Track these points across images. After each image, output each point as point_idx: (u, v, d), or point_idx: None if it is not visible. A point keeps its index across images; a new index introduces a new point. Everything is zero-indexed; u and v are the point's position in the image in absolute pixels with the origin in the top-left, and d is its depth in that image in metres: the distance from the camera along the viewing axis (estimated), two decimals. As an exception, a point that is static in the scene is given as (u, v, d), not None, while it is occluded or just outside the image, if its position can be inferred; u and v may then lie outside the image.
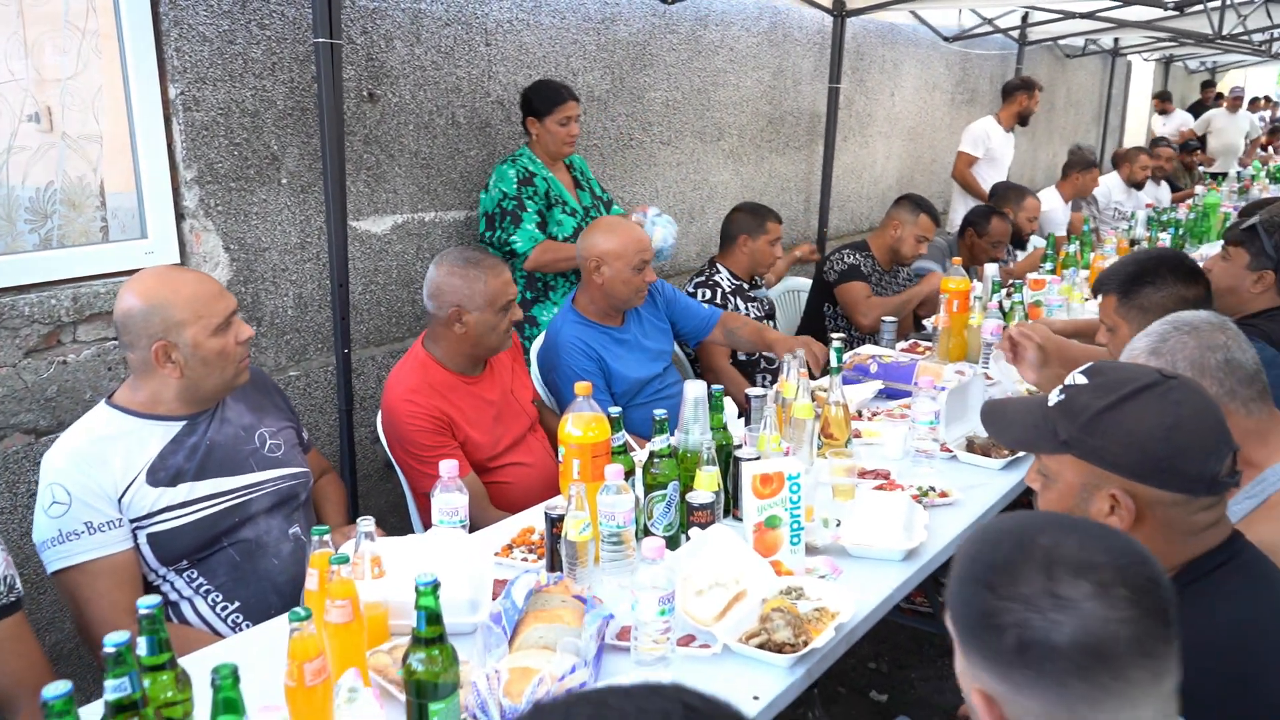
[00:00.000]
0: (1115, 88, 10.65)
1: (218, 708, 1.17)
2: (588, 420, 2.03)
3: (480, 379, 2.59)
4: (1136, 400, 1.29)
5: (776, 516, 1.95)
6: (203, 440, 2.06)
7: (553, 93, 3.56)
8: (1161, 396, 1.28)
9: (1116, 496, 1.28)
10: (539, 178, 3.54)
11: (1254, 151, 11.45)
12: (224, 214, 3.00)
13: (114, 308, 2.01)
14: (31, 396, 2.64)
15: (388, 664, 1.62)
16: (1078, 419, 1.32)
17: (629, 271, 2.87)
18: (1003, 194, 5.28)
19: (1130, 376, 1.33)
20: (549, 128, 3.55)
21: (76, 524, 1.90)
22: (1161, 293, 2.30)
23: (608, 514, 1.90)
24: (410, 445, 2.45)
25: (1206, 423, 1.27)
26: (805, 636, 1.69)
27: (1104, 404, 1.30)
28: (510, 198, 3.47)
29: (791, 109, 5.61)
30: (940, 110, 7.28)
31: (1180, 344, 1.71)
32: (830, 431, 2.54)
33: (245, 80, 3.00)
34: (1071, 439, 1.32)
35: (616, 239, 2.88)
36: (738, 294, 3.83)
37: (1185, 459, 1.26)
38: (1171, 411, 1.26)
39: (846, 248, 4.25)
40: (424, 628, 1.35)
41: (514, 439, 2.64)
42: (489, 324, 2.48)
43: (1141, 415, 1.28)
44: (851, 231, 6.39)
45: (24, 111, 2.69)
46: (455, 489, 1.96)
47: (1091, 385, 1.34)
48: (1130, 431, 1.27)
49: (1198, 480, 1.26)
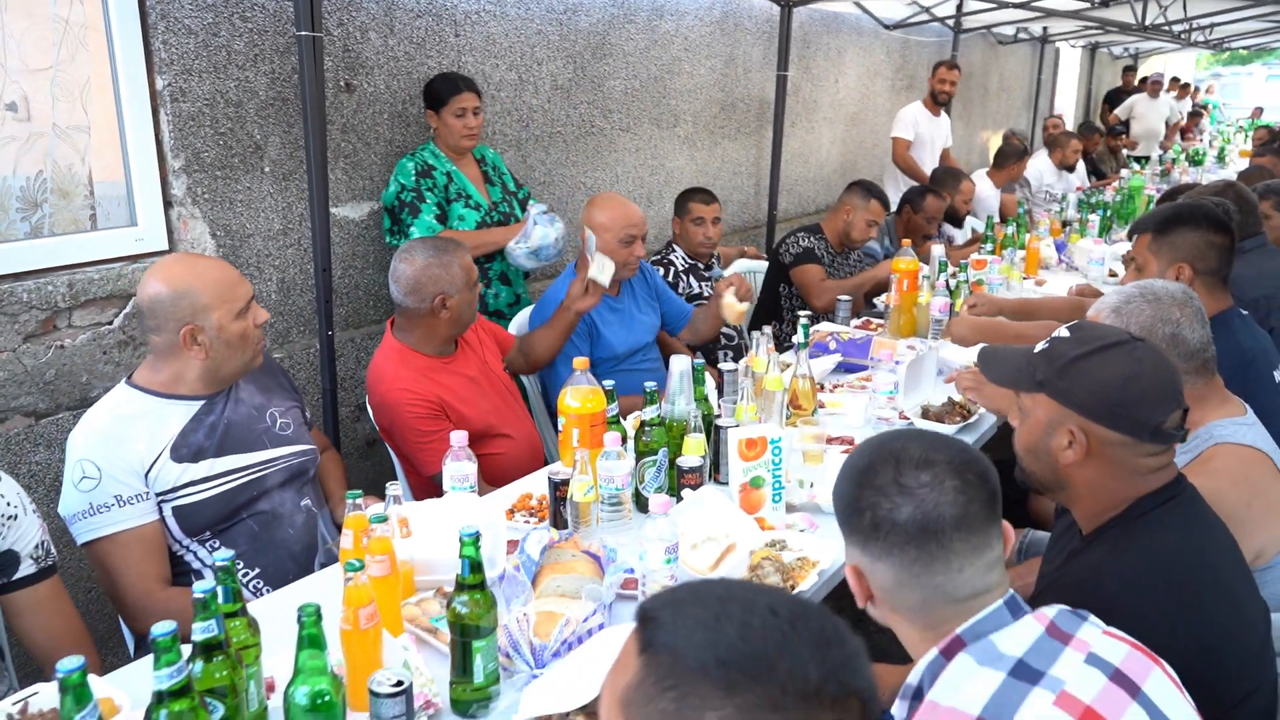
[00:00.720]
0: (1044, 73, 11.05)
1: (303, 642, 1.32)
2: (585, 393, 2.20)
3: (456, 358, 2.75)
4: (1105, 353, 1.50)
5: (760, 477, 2.15)
6: (220, 419, 2.18)
7: (449, 84, 3.51)
8: (1127, 353, 1.50)
9: (1074, 432, 1.50)
10: (439, 171, 3.49)
11: (1174, 135, 11.96)
12: (210, 202, 3.10)
13: (138, 293, 2.11)
14: (31, 380, 2.72)
15: (417, 614, 1.79)
16: (1054, 364, 1.53)
17: (616, 244, 3.09)
18: (940, 178, 5.65)
19: (1105, 334, 1.55)
20: (446, 120, 3.49)
21: (107, 497, 2.01)
22: (1193, 235, 2.53)
23: (607, 477, 2.09)
24: (410, 433, 2.59)
25: (1160, 380, 1.49)
26: (792, 581, 1.89)
27: (1077, 353, 1.52)
28: (409, 189, 3.41)
29: (742, 96, 5.80)
30: (881, 96, 7.54)
31: (1139, 309, 1.95)
32: (799, 403, 2.74)
33: (229, 71, 3.09)
34: (1045, 380, 1.54)
35: (608, 213, 3.10)
36: (691, 273, 4.02)
37: (1136, 407, 1.47)
38: (1132, 366, 1.48)
39: (801, 231, 4.46)
40: (468, 574, 1.51)
41: (499, 412, 2.80)
42: (467, 302, 2.65)
43: (1106, 365, 1.49)
44: (799, 214, 6.62)
45: (3, 101, 2.74)
46: (465, 458, 2.12)
47: (1072, 338, 1.56)
48: (1094, 378, 1.49)
49: (1144, 427, 1.48)
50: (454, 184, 3.52)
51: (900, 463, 1.21)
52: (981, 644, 1.17)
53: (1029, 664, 1.14)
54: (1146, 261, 2.63)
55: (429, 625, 1.75)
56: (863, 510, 1.21)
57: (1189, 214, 2.61)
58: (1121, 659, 1.17)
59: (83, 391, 2.84)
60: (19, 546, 1.83)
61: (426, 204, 3.40)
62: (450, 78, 3.55)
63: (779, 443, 2.14)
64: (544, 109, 4.35)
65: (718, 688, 0.76)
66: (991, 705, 1.09)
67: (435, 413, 2.58)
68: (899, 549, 1.18)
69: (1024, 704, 1.09)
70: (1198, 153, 10.19)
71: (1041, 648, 1.16)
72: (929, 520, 1.17)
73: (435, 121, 3.54)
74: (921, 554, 1.17)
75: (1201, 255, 2.54)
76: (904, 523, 1.18)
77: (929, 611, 1.21)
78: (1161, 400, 1.49)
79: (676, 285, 3.91)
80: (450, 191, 3.50)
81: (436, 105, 3.51)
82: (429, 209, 3.40)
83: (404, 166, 3.46)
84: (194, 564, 2.15)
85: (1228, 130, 13.74)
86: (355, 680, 1.53)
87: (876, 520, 1.20)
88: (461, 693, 1.55)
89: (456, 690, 1.56)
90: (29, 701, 1.53)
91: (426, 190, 3.43)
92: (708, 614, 0.81)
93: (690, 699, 0.77)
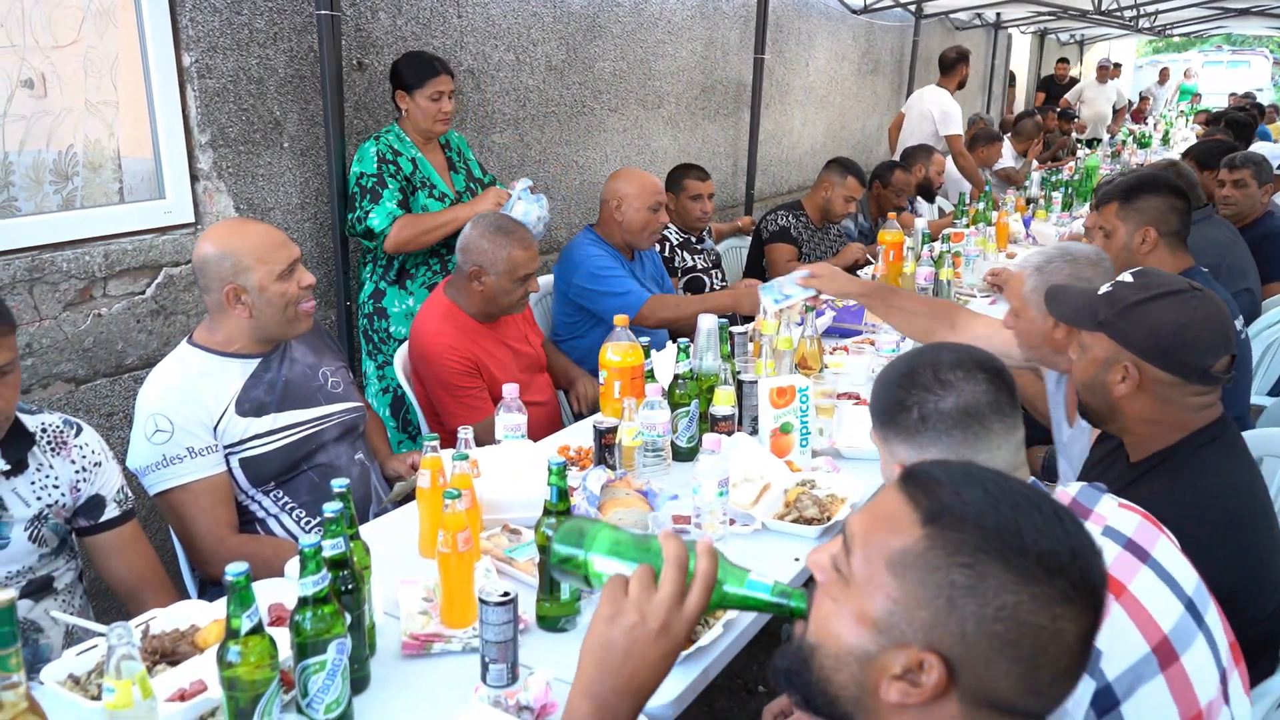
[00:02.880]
0: (998, 58, 11.39)
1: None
2: (625, 348, 2.37)
3: (498, 325, 2.89)
4: (1163, 300, 1.65)
5: (789, 423, 2.33)
6: (278, 376, 2.31)
7: (424, 65, 3.30)
8: (1184, 301, 1.64)
9: (1128, 368, 1.67)
10: (404, 158, 3.29)
11: (1122, 119, 12.39)
12: (234, 176, 3.19)
13: (194, 255, 2.23)
14: (71, 347, 2.81)
15: (490, 547, 1.94)
16: (1115, 306, 1.70)
17: (646, 212, 3.30)
18: (913, 152, 5.90)
19: (1166, 281, 1.70)
20: (419, 103, 3.28)
21: (179, 449, 2.13)
22: (1156, 200, 2.79)
23: (649, 425, 2.26)
24: (443, 386, 2.73)
25: (1212, 328, 1.65)
26: (828, 513, 2.08)
27: (1138, 298, 1.67)
28: (369, 175, 3.21)
29: (721, 78, 5.97)
30: (849, 80, 7.77)
31: (1058, 268, 2.21)
32: (807, 363, 2.93)
33: (250, 49, 3.19)
34: (1106, 320, 1.70)
35: (635, 183, 3.33)
36: (685, 247, 4.19)
37: (1188, 351, 1.64)
38: (1187, 314, 1.64)
39: (782, 208, 4.67)
40: (555, 500, 1.67)
41: (528, 381, 2.95)
42: (504, 289, 2.75)
43: (1163, 312, 1.64)
44: (774, 194, 6.82)
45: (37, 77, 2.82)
46: (516, 409, 2.27)
47: (1135, 284, 1.71)
48: (1151, 322, 1.65)
49: (1193, 370, 1.65)
50: (419, 172, 3.33)
51: (937, 365, 1.40)
52: None
53: None
54: (1115, 227, 2.87)
55: (504, 556, 1.91)
56: (909, 408, 1.39)
57: (1151, 182, 2.87)
58: (1134, 530, 1.34)
59: (118, 359, 2.94)
60: (104, 491, 1.96)
61: (388, 189, 3.20)
62: (425, 58, 3.34)
63: (806, 390, 2.33)
64: (539, 89, 4.49)
65: (1014, 573, 0.84)
66: None
67: (470, 370, 2.72)
68: (946, 435, 1.37)
69: None
70: (1144, 135, 10.59)
71: None
72: (970, 407, 1.36)
73: (406, 103, 3.31)
74: (967, 435, 1.36)
75: (1164, 218, 2.80)
76: (949, 411, 1.36)
77: None
78: (1211, 347, 1.64)
79: (672, 259, 4.08)
80: (415, 179, 3.32)
81: (409, 87, 3.29)
82: (390, 195, 3.20)
83: (365, 151, 3.25)
84: (259, 513, 2.28)
85: (1170, 115, 14.23)
86: (451, 598, 1.69)
87: (924, 414, 1.38)
88: (549, 609, 1.71)
89: (544, 608, 1.72)
90: (150, 624, 1.66)
91: (389, 177, 3.22)
92: (994, 498, 0.88)
93: (987, 580, 0.84)
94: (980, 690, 0.86)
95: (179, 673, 1.51)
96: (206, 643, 1.60)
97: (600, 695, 1.02)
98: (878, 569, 0.90)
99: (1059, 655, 0.85)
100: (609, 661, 1.02)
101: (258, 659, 1.30)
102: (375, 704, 1.53)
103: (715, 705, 2.95)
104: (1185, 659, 1.25)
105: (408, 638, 1.64)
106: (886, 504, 0.94)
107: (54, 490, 1.86)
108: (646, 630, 1.01)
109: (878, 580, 0.89)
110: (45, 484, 1.85)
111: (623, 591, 1.04)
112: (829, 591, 0.95)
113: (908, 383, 1.41)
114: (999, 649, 0.84)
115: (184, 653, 1.58)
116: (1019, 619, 0.84)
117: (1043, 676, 0.86)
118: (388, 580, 1.79)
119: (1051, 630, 0.84)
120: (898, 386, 1.42)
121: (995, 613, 0.84)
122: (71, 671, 1.53)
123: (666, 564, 1.03)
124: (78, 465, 1.91)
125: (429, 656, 1.64)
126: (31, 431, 1.85)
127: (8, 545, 1.79)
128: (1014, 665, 0.84)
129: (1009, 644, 0.84)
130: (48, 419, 1.91)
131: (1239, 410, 2.56)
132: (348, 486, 1.57)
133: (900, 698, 0.88)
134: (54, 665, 1.52)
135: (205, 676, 1.48)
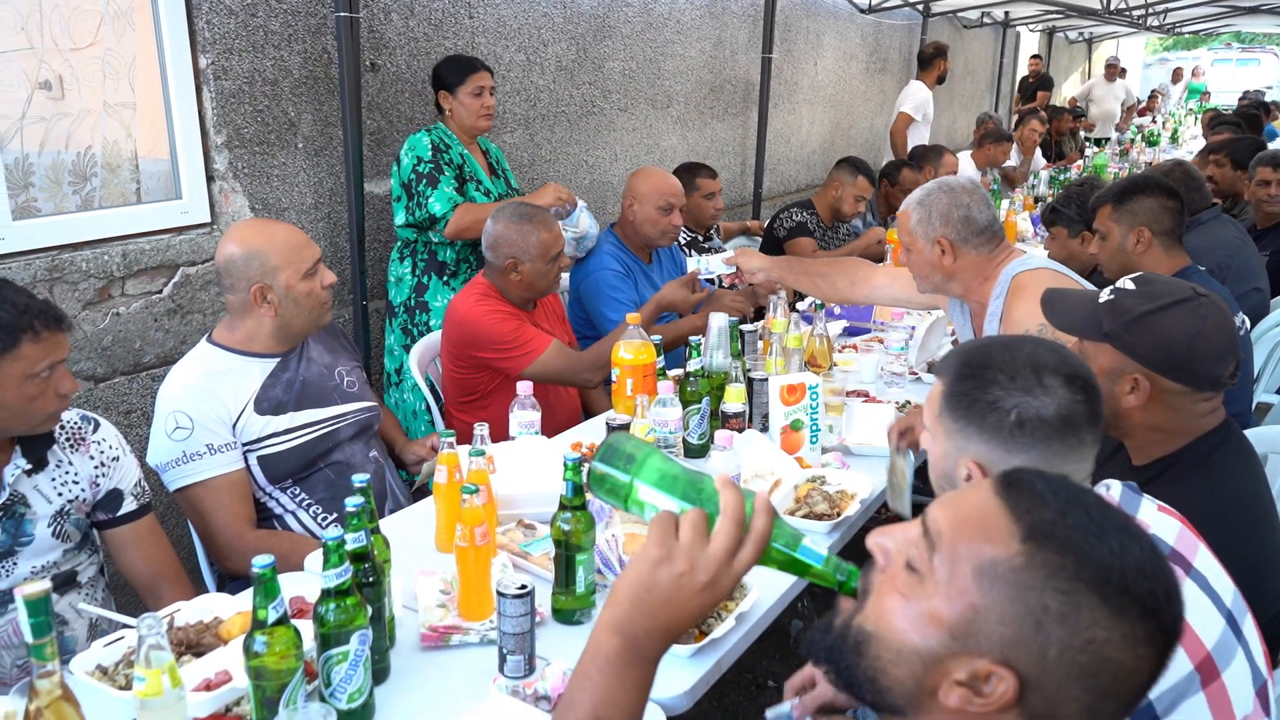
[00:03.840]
0: (1005, 57, 11.38)
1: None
2: (637, 346, 2.40)
3: (535, 314, 2.95)
4: (1172, 310, 1.62)
5: (799, 420, 2.36)
6: (296, 376, 2.34)
7: (464, 64, 3.44)
8: (1192, 310, 1.62)
9: (1138, 380, 1.64)
10: (455, 150, 3.42)
11: (1130, 117, 12.37)
12: (250, 176, 3.23)
13: (217, 255, 2.26)
14: (90, 346, 2.85)
15: (506, 542, 1.97)
16: (1121, 318, 1.66)
17: (655, 212, 3.33)
18: (923, 154, 5.91)
19: (1171, 290, 1.66)
20: (463, 100, 3.41)
21: (199, 446, 2.17)
22: (1148, 201, 2.86)
23: (661, 422, 2.28)
24: (494, 341, 2.77)
25: (1222, 336, 1.64)
26: (838, 509, 2.11)
27: (1145, 309, 1.63)
28: (426, 161, 3.31)
29: (729, 78, 6.00)
30: (857, 79, 7.78)
31: (938, 199, 2.34)
32: (816, 361, 2.95)
33: (266, 51, 3.22)
34: (1112, 333, 1.67)
35: (649, 182, 3.37)
36: (692, 246, 4.22)
37: (1199, 363, 1.63)
38: (1197, 324, 1.62)
39: (794, 206, 4.70)
40: (571, 496, 1.70)
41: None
42: (540, 272, 2.81)
43: (1172, 323, 1.61)
44: (782, 192, 6.84)
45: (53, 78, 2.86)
46: (530, 406, 2.31)
47: (1138, 292, 1.68)
48: (1160, 334, 1.62)
49: (1205, 379, 1.64)
50: (467, 166, 3.46)
51: (1039, 368, 1.32)
52: None
53: None
54: (1109, 230, 2.91)
55: (520, 550, 1.94)
56: (1005, 409, 1.31)
57: (1142, 184, 2.91)
58: (1175, 538, 1.35)
59: (136, 357, 2.98)
60: (122, 485, 1.99)
61: (445, 175, 3.31)
62: (464, 58, 3.51)
63: (816, 388, 2.35)
64: (550, 89, 4.52)
65: (1110, 609, 0.82)
66: None
67: (514, 315, 2.80)
68: (1043, 442, 1.30)
69: None
70: (1153, 134, 10.57)
71: None
72: (1071, 417, 1.30)
73: (449, 102, 3.44)
74: (1064, 446, 1.31)
75: (1157, 218, 2.86)
76: (1051, 419, 1.30)
77: None
78: (1221, 356, 1.63)
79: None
80: (465, 173, 3.44)
81: (451, 86, 3.43)
82: (448, 180, 3.31)
83: (418, 141, 3.37)
84: (276, 509, 2.31)
85: (1179, 113, 14.20)
86: (469, 591, 1.72)
87: (1023, 419, 1.30)
88: (565, 602, 1.74)
89: (560, 600, 1.75)
90: (174, 616, 1.69)
91: (445, 164, 3.35)
92: (1099, 526, 0.86)
93: (1082, 611, 0.82)
94: (1046, 712, 0.85)
95: (204, 663, 1.54)
96: (230, 634, 1.63)
97: (631, 634, 0.98)
98: (963, 574, 0.87)
99: (1130, 690, 0.85)
100: (648, 603, 0.97)
101: (283, 649, 1.33)
102: (396, 694, 1.57)
103: (725, 699, 2.97)
104: (1226, 675, 1.25)
105: (426, 629, 1.68)
106: (979, 506, 0.90)
107: (74, 485, 1.90)
108: (694, 581, 0.97)
109: (961, 586, 0.87)
110: (65, 480, 1.89)
111: (673, 534, 0.98)
112: (898, 584, 0.92)
113: (1006, 381, 1.33)
114: (1076, 677, 0.83)
115: (208, 644, 1.62)
116: (1105, 654, 0.83)
117: (1108, 707, 0.85)
118: (406, 574, 1.83)
119: (1131, 668, 0.84)
120: (993, 384, 1.33)
121: (1083, 644, 0.83)
122: (100, 662, 1.56)
123: (723, 516, 0.98)
124: (96, 460, 1.94)
125: (447, 648, 1.67)
126: (49, 429, 1.88)
127: (32, 541, 1.83)
128: (1085, 694, 0.84)
129: (1088, 674, 0.83)
130: (65, 415, 1.94)
131: (1240, 407, 2.59)
132: (368, 482, 1.60)
133: (961, 704, 0.87)
134: (82, 656, 1.56)
135: (230, 667, 1.51)
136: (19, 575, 1.80)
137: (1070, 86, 14.56)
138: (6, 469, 1.80)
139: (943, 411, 1.39)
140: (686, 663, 1.64)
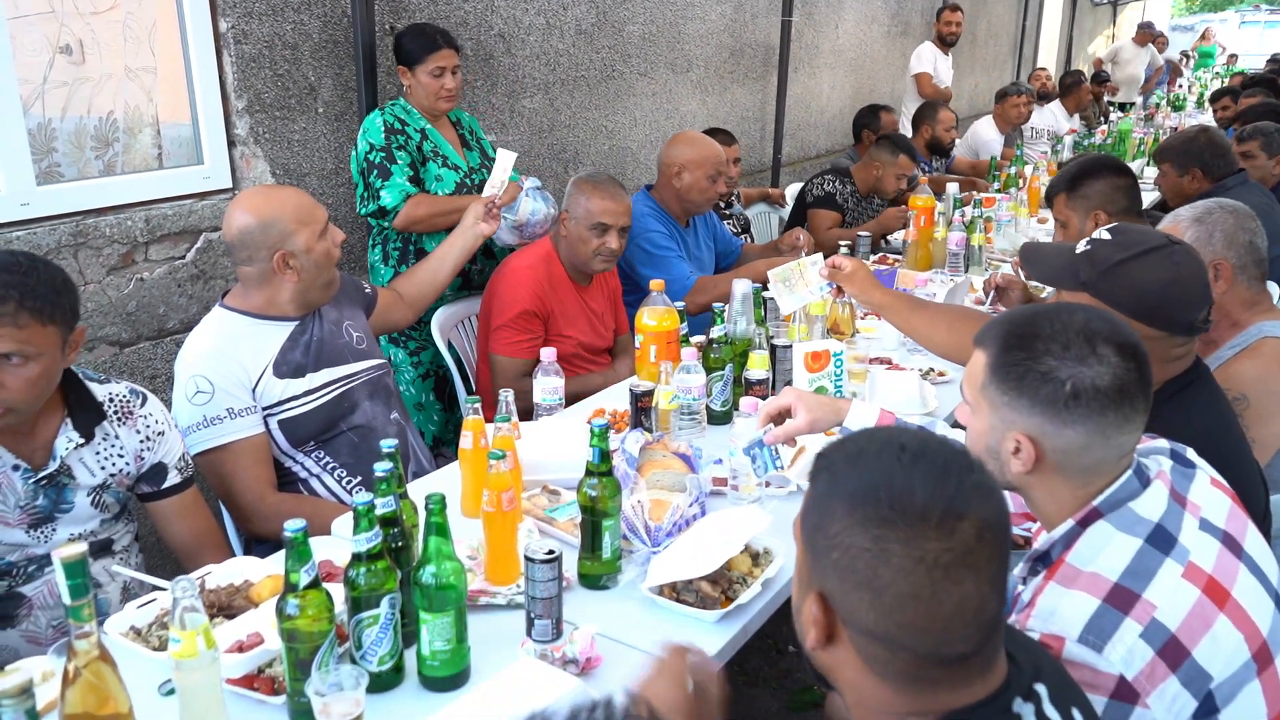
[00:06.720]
0: (1029, 20, 11.19)
1: (430, 529, 1.46)
2: (661, 312, 2.39)
3: (589, 290, 3.00)
4: (1146, 258, 1.67)
5: (824, 387, 2.35)
6: (313, 336, 2.34)
7: (424, 39, 3.09)
8: (1166, 257, 1.66)
9: None
10: (412, 128, 3.10)
11: (1154, 82, 12.17)
12: (271, 141, 3.22)
13: (225, 228, 2.25)
14: (115, 311, 2.87)
15: (531, 508, 1.98)
16: (1098, 266, 1.69)
17: (705, 180, 3.33)
18: (919, 112, 5.91)
19: (1145, 239, 1.70)
20: (420, 79, 3.09)
21: (220, 410, 2.18)
22: (1099, 183, 2.80)
23: (684, 388, 2.28)
24: (502, 316, 2.82)
25: (1195, 282, 1.67)
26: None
27: (1121, 257, 1.67)
28: (378, 149, 3.01)
29: (749, 41, 5.92)
30: (878, 43, 7.68)
31: (1222, 219, 2.20)
32: (839, 328, 2.94)
33: (285, 14, 3.20)
34: (1089, 281, 1.70)
35: (698, 150, 3.35)
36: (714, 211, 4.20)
37: (1174, 308, 1.66)
38: (1171, 270, 1.65)
39: (830, 173, 4.67)
40: (598, 461, 1.71)
41: (592, 349, 3.03)
42: (581, 237, 2.86)
43: (1147, 270, 1.66)
44: (801, 158, 6.78)
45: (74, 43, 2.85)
46: (554, 373, 2.31)
47: (1113, 241, 1.71)
48: (1137, 281, 1.66)
49: (1179, 324, 1.68)
50: (428, 141, 3.14)
51: (1091, 335, 1.29)
52: (1120, 512, 1.30)
53: (1165, 528, 1.28)
54: (1067, 218, 2.87)
55: (545, 516, 1.95)
56: (1062, 381, 1.27)
57: (1091, 166, 2.88)
58: (1225, 519, 1.34)
59: (160, 322, 2.99)
60: (167, 459, 2.01)
61: (398, 165, 3.02)
62: (425, 31, 3.14)
63: (840, 355, 2.34)
64: (569, 53, 4.48)
65: (844, 507, 1.00)
66: (1128, 572, 1.23)
67: (537, 312, 2.83)
68: (1098, 413, 1.27)
69: (1157, 575, 1.23)
70: (1179, 98, 10.41)
71: (1171, 512, 1.30)
72: (1126, 386, 1.28)
73: (407, 79, 3.13)
74: (1118, 416, 1.28)
75: (1111, 199, 2.81)
76: (1107, 388, 1.27)
77: (1098, 471, 1.31)
78: (1195, 301, 1.67)
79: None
80: (425, 149, 3.13)
81: (409, 62, 3.11)
82: (400, 170, 3.02)
83: (372, 123, 3.06)
84: (301, 473, 2.33)
85: (1204, 77, 13.96)
86: (495, 556, 1.73)
87: (1079, 389, 1.27)
88: (591, 567, 1.75)
89: (586, 566, 1.76)
90: (205, 579, 1.71)
91: (397, 150, 3.03)
92: (854, 455, 1.04)
93: (828, 516, 1.01)
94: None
95: (236, 625, 1.56)
96: (260, 597, 1.65)
97: None
98: (795, 524, 1.10)
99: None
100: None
101: (316, 612, 1.35)
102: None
103: (747, 664, 3.00)
104: (1279, 660, 1.26)
105: (454, 593, 1.68)
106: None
107: (119, 459, 1.92)
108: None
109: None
110: (110, 454, 1.91)
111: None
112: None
113: (1059, 351, 1.29)
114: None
115: (239, 606, 1.64)
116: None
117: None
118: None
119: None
120: (1046, 354, 1.30)
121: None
122: (133, 624, 1.58)
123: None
124: (142, 435, 1.96)
125: (475, 610, 1.68)
126: (100, 402, 1.90)
127: (72, 509, 1.85)
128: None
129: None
130: (114, 389, 1.95)
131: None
132: (396, 446, 1.61)
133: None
134: (117, 618, 1.58)
135: (262, 629, 1.53)
136: (57, 540, 1.83)
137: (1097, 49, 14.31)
138: (58, 441, 1.81)
139: (988, 383, 1.34)
140: (713, 628, 1.65)
